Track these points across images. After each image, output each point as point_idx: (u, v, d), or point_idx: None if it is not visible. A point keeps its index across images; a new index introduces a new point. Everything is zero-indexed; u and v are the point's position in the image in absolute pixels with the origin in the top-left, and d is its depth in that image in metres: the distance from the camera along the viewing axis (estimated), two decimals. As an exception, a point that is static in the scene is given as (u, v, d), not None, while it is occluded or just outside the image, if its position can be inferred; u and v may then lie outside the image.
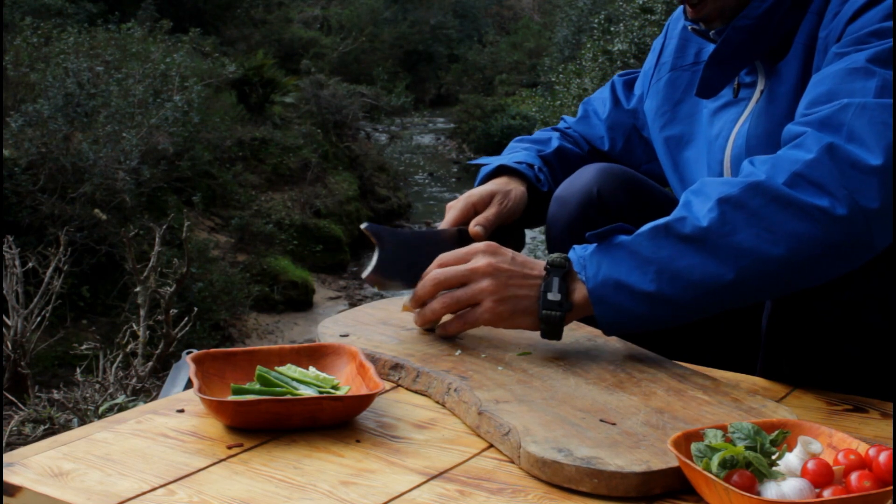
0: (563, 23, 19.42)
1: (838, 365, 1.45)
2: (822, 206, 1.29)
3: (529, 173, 1.82)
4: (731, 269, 1.32)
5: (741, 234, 1.31)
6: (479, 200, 1.76)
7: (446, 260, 1.48)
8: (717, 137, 1.67)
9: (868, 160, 1.30)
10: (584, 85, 12.40)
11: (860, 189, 1.29)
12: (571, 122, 2.01)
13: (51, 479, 1.14)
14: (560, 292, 1.40)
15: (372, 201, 16.06)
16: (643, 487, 1.11)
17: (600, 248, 1.39)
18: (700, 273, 1.33)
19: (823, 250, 1.31)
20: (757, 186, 1.32)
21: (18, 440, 3.43)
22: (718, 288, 1.33)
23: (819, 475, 1.03)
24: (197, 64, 13.10)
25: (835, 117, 1.34)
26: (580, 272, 1.40)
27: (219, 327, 10.25)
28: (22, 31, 11.03)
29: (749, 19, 1.55)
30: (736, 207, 1.32)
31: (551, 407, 1.28)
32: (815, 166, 1.30)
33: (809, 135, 1.33)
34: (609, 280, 1.37)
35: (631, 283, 1.35)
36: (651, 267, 1.34)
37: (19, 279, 4.50)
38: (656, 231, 1.36)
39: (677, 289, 1.34)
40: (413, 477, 1.15)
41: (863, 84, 1.36)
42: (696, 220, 1.33)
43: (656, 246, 1.35)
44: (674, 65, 1.79)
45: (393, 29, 24.95)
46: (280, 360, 1.39)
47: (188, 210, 11.17)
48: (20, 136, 9.43)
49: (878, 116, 1.32)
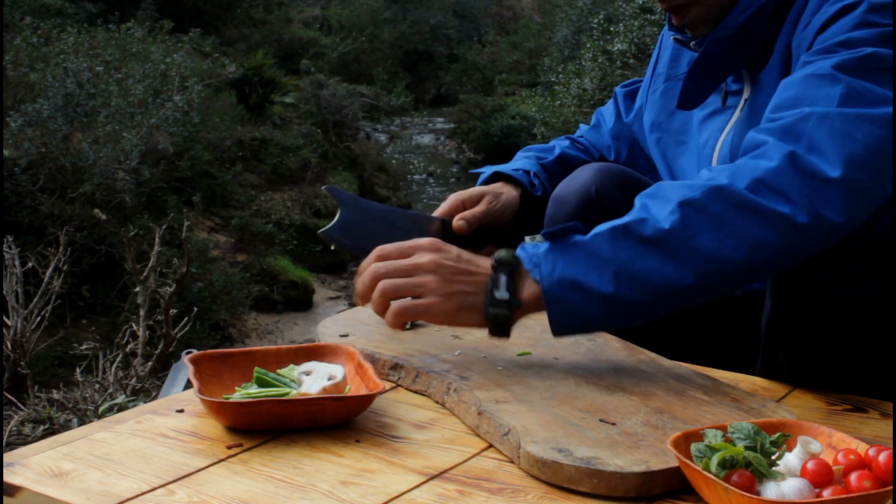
0: (562, 23, 19.40)
1: (838, 365, 1.45)
2: (784, 212, 1.28)
3: (524, 179, 1.84)
4: (690, 272, 1.30)
5: (702, 238, 1.29)
6: (468, 198, 1.78)
7: (387, 252, 1.39)
8: (704, 146, 1.68)
9: (827, 172, 1.29)
10: (583, 85, 12.40)
11: (821, 200, 1.28)
12: (584, 130, 2.05)
13: (50, 480, 1.14)
14: (508, 290, 1.34)
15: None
16: (643, 487, 1.11)
17: (555, 247, 1.33)
18: (659, 276, 1.30)
19: (782, 257, 1.31)
20: (720, 190, 1.30)
21: (18, 440, 3.43)
22: (677, 291, 1.31)
23: (819, 475, 1.03)
24: (197, 64, 13.09)
25: (796, 127, 1.33)
26: (532, 270, 1.34)
27: (218, 327, 10.25)
28: (22, 31, 11.03)
29: (728, 30, 1.55)
30: (698, 211, 1.29)
31: (551, 407, 1.28)
32: (777, 174, 1.29)
33: (771, 144, 1.32)
34: (566, 280, 1.31)
35: (588, 284, 1.31)
36: (609, 268, 1.30)
37: (19, 279, 4.51)
38: (615, 232, 1.32)
39: (635, 291, 1.31)
40: (413, 477, 1.15)
41: (828, 91, 1.35)
42: (657, 223, 1.30)
43: (616, 247, 1.31)
44: (668, 75, 1.81)
45: (393, 29, 24.95)
46: (278, 360, 1.39)
47: (188, 210, 11.17)
48: (20, 135, 9.43)
49: (839, 127, 1.31)
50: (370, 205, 1.65)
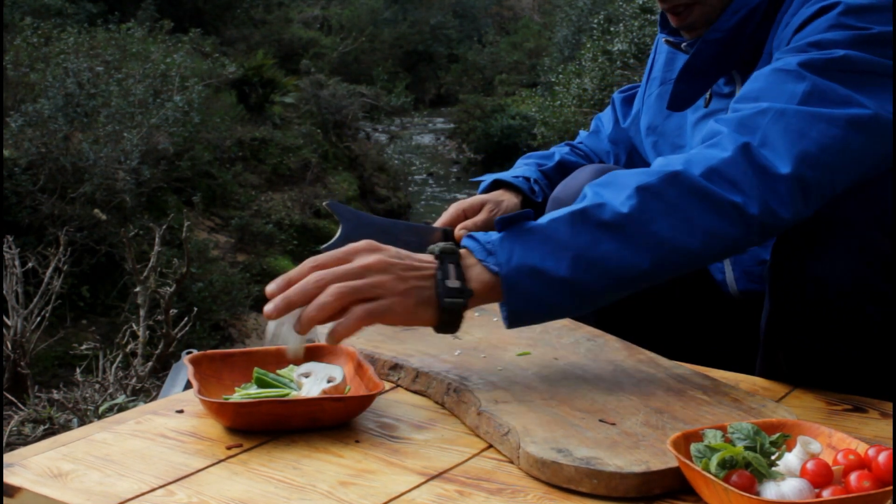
0: (562, 23, 19.40)
1: (838, 365, 1.45)
2: (736, 202, 1.29)
3: (524, 185, 1.86)
4: (647, 257, 1.29)
5: (659, 223, 1.29)
6: (470, 207, 1.80)
7: (323, 261, 1.31)
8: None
9: (777, 167, 1.30)
10: (583, 85, 12.40)
11: (771, 194, 1.29)
12: (584, 136, 2.07)
13: (50, 480, 1.14)
14: (458, 279, 1.31)
15: (372, 201, 16.05)
16: (643, 488, 1.11)
17: (511, 234, 1.31)
18: (617, 260, 1.29)
19: (734, 246, 1.34)
20: (675, 176, 1.30)
21: (18, 440, 3.43)
22: (633, 276, 1.31)
23: (818, 475, 1.03)
24: (197, 64, 13.09)
25: (753, 120, 1.34)
26: (486, 259, 1.31)
27: (218, 327, 10.25)
28: (22, 31, 11.03)
29: (720, 32, 1.56)
30: (654, 196, 1.30)
31: (550, 407, 1.28)
32: (730, 164, 1.30)
33: (726, 135, 1.34)
34: (524, 266, 1.29)
35: (546, 269, 1.28)
36: (567, 253, 1.29)
37: (19, 279, 4.51)
38: (574, 217, 1.30)
39: (593, 276, 1.29)
40: (412, 477, 1.15)
41: (791, 87, 1.35)
42: (615, 207, 1.29)
43: (573, 232, 1.29)
44: (663, 79, 1.83)
45: (393, 29, 24.95)
46: (278, 360, 1.39)
47: (188, 210, 11.17)
48: (20, 136, 9.43)
49: (794, 124, 1.32)
50: (371, 218, 1.65)
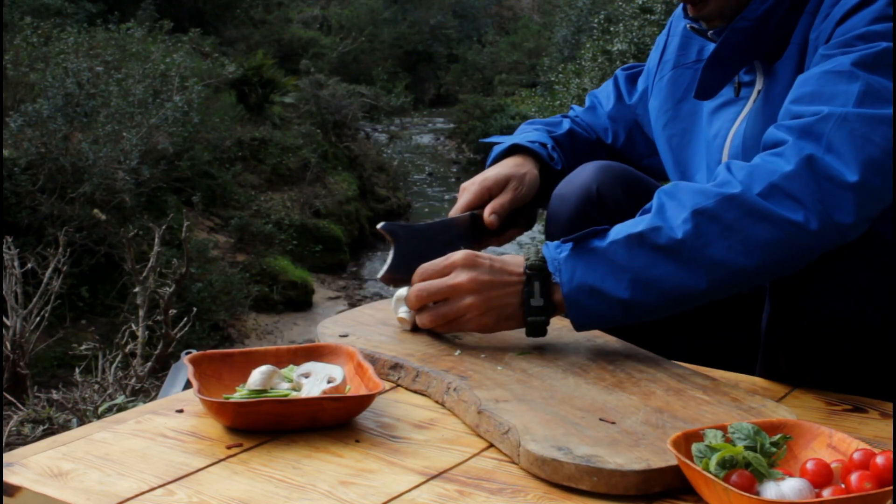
0: (562, 23, 19.42)
1: (838, 365, 1.45)
2: (797, 220, 1.31)
3: (543, 153, 1.82)
4: (703, 279, 1.36)
5: (715, 246, 1.34)
6: (494, 185, 1.76)
7: (426, 273, 1.49)
8: (715, 137, 1.67)
9: (845, 176, 1.31)
10: (583, 85, 12.42)
11: (835, 204, 1.31)
12: (579, 111, 2.03)
13: (50, 480, 1.14)
14: (542, 297, 1.44)
15: (371, 201, 16.04)
16: (643, 486, 1.11)
17: (575, 252, 1.41)
18: (674, 283, 1.37)
19: (793, 259, 1.36)
20: (733, 199, 1.34)
21: (18, 440, 3.43)
22: (690, 296, 1.39)
23: (818, 475, 1.03)
24: (197, 64, 13.08)
25: (815, 127, 1.34)
26: (555, 274, 1.43)
27: (218, 327, 10.24)
28: (22, 30, 11.02)
29: (747, 21, 1.54)
30: (711, 220, 1.34)
31: (551, 406, 1.28)
32: (793, 179, 1.32)
33: (790, 144, 1.35)
34: (584, 286, 1.40)
35: (605, 290, 1.39)
36: (626, 275, 1.38)
37: (18, 279, 4.50)
38: (631, 240, 1.38)
39: (650, 296, 1.38)
40: (412, 477, 1.15)
41: (846, 88, 1.36)
42: (671, 231, 1.36)
43: (631, 255, 1.38)
44: (676, 62, 1.79)
45: (392, 29, 24.95)
46: (277, 360, 1.39)
47: (188, 210, 11.15)
48: (20, 136, 9.42)
49: (858, 129, 1.33)
50: (415, 229, 1.66)
